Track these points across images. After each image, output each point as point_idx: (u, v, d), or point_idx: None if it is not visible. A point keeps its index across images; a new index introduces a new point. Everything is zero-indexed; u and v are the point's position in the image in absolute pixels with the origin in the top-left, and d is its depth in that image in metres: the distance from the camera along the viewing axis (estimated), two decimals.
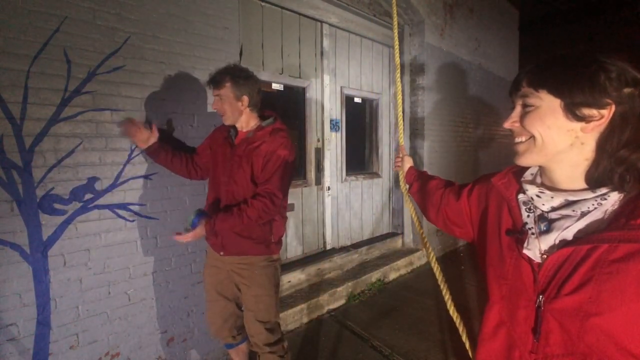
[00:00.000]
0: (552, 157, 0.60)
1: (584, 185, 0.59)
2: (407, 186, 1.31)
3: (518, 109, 0.63)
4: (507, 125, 0.64)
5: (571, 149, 0.58)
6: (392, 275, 3.38)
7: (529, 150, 0.61)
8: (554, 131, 0.57)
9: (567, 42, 6.58)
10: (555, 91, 0.57)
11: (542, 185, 0.64)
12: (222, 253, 1.57)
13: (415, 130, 3.78)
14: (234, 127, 1.61)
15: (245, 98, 1.53)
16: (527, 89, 0.60)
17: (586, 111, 0.55)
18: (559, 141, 0.58)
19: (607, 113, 0.54)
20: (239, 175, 1.53)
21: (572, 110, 0.55)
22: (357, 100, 3.44)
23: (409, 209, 1.29)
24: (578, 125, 0.56)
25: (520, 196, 0.68)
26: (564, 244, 0.58)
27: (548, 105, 0.58)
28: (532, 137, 0.60)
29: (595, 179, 0.57)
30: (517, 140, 0.63)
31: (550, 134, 0.58)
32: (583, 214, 0.57)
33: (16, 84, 1.40)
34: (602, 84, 0.53)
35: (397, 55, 1.40)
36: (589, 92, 0.54)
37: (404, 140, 3.74)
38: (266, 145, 1.52)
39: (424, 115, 3.71)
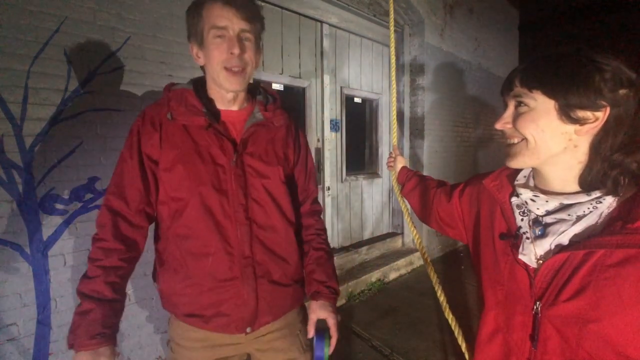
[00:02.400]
0: (545, 160, 0.58)
1: (577, 188, 0.58)
2: (400, 186, 1.29)
3: (510, 109, 0.61)
4: (498, 126, 0.62)
5: (564, 152, 0.56)
6: (392, 275, 3.39)
7: (520, 153, 0.59)
8: (547, 134, 0.56)
9: (567, 42, 6.58)
10: (550, 92, 0.55)
11: (536, 188, 0.63)
12: (248, 330, 0.93)
13: (415, 130, 3.78)
14: (207, 104, 0.92)
15: (261, 52, 0.97)
16: (520, 88, 0.58)
17: (581, 113, 0.53)
18: (552, 144, 0.56)
19: (602, 116, 0.53)
20: (272, 186, 0.94)
21: (566, 113, 0.54)
22: (357, 100, 3.44)
23: (403, 209, 1.28)
24: (572, 127, 0.55)
25: (514, 199, 0.66)
26: (559, 248, 0.57)
27: (542, 106, 0.56)
28: (525, 139, 0.58)
29: (588, 183, 0.56)
30: (509, 141, 0.62)
31: (543, 136, 0.56)
32: (579, 218, 0.56)
33: (16, 84, 1.39)
34: (597, 85, 0.52)
35: (392, 54, 1.39)
36: (585, 93, 0.52)
37: (398, 140, 3.75)
38: (292, 129, 1.04)
39: (424, 115, 3.71)
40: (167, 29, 1.80)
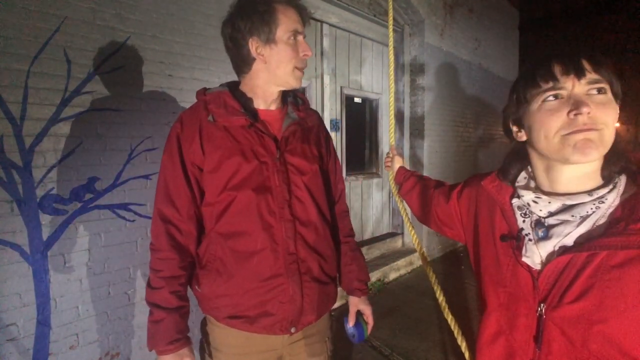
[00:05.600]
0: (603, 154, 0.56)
1: (581, 188, 0.58)
2: (398, 186, 1.27)
3: (583, 93, 0.54)
4: (587, 110, 0.52)
5: None
6: (392, 275, 3.39)
7: (602, 143, 0.53)
8: (613, 125, 0.55)
9: (567, 42, 6.58)
10: (613, 82, 0.54)
11: (537, 189, 0.63)
12: (293, 330, 0.92)
13: (415, 130, 3.78)
14: (245, 104, 0.93)
15: None
16: (594, 74, 0.54)
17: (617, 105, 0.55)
18: (613, 136, 0.55)
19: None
20: (311, 182, 0.95)
21: (618, 104, 0.56)
22: (357, 100, 3.44)
23: (401, 210, 1.28)
24: None
25: (515, 201, 0.66)
26: (563, 250, 0.57)
27: (611, 97, 0.55)
28: (604, 127, 0.53)
29: (607, 176, 0.57)
30: (588, 131, 0.53)
31: (614, 126, 0.55)
32: (583, 219, 0.56)
33: (16, 84, 1.39)
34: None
35: (391, 53, 1.39)
36: (619, 86, 0.55)
37: (398, 140, 3.75)
38: (322, 128, 1.08)
39: (424, 115, 3.71)
40: (167, 29, 1.80)
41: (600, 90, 0.54)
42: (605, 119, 0.53)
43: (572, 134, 0.54)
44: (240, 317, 0.89)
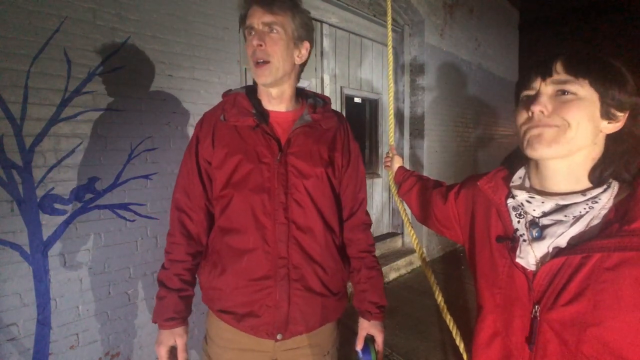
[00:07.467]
0: (572, 152, 0.57)
1: (573, 187, 0.58)
2: (397, 186, 1.27)
3: (547, 94, 0.57)
4: (538, 108, 0.57)
5: (587, 146, 0.57)
6: (392, 275, 3.39)
7: (556, 140, 0.56)
8: (590, 125, 0.55)
9: (567, 42, 6.58)
10: (597, 84, 0.55)
11: (532, 189, 0.63)
12: (279, 337, 0.90)
13: (415, 130, 3.78)
14: (257, 105, 0.95)
15: (307, 45, 0.94)
16: (565, 75, 0.56)
17: (613, 111, 0.55)
18: (588, 137, 0.56)
19: (623, 117, 0.55)
20: (313, 187, 0.92)
21: (606, 107, 0.55)
22: (357, 100, 3.44)
23: (400, 210, 1.27)
24: (603, 123, 0.56)
25: (510, 201, 0.66)
26: (557, 251, 0.57)
27: (590, 96, 0.55)
28: (563, 126, 0.55)
29: (597, 179, 0.57)
30: (540, 129, 0.57)
31: (586, 127, 0.55)
32: (576, 219, 0.56)
33: (16, 84, 1.39)
34: (630, 87, 0.54)
35: (389, 52, 1.39)
36: (623, 91, 0.54)
37: (398, 140, 3.76)
38: (341, 132, 1.02)
39: (424, 115, 3.71)
40: (167, 29, 1.80)
41: (564, 92, 0.56)
42: (569, 116, 0.55)
43: (528, 128, 0.58)
44: (229, 312, 0.91)
